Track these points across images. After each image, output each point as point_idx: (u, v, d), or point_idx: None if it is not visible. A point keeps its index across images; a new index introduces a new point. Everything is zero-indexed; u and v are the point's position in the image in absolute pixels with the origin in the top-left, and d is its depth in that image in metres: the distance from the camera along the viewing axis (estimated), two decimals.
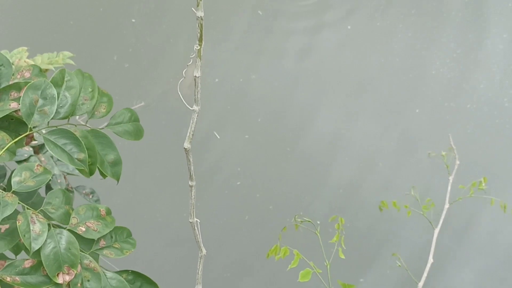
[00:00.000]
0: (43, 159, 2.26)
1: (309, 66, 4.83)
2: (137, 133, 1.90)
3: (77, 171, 2.27)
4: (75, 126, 1.82)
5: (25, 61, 2.52)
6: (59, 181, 2.26)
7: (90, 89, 1.84)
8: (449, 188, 3.18)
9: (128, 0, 4.98)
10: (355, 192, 4.47)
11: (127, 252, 1.77)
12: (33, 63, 2.52)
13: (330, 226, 2.92)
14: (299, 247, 2.55)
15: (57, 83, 1.78)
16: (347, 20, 4.95)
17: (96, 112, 1.85)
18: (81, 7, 4.94)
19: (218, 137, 4.60)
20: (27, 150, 2.26)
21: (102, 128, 1.84)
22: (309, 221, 2.65)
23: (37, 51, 3.68)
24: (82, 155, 1.68)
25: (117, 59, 4.79)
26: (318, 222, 2.86)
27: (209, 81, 4.69)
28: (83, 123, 1.84)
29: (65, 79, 1.79)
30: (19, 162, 2.21)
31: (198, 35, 1.55)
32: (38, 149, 2.36)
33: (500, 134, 4.63)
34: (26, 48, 2.61)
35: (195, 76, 1.63)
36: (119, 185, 1.89)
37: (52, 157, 2.28)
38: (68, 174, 2.37)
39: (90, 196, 2.31)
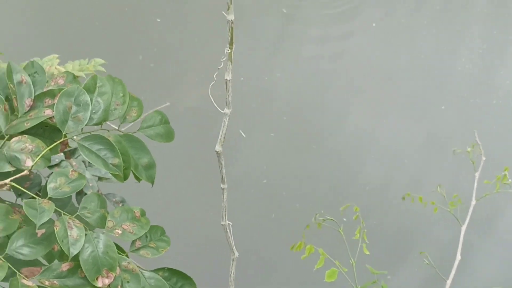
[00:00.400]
0: (74, 163, 2.28)
1: (334, 65, 4.84)
2: (168, 135, 1.92)
3: (109, 174, 2.31)
4: (108, 131, 1.84)
5: (56, 68, 2.55)
6: (91, 184, 2.28)
7: (121, 94, 1.86)
8: (475, 184, 3.18)
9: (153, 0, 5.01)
10: (381, 190, 4.48)
11: (162, 250, 1.79)
12: (64, 70, 2.54)
13: (357, 224, 2.93)
14: (324, 245, 2.56)
15: (90, 89, 1.79)
16: (372, 18, 4.96)
17: (127, 117, 1.87)
18: (106, 7, 4.98)
19: (244, 135, 4.62)
20: (58, 155, 2.28)
21: (134, 132, 1.86)
22: (331, 219, 2.66)
23: (64, 51, 3.72)
24: (116, 160, 1.71)
25: (143, 59, 4.82)
26: (345, 220, 2.88)
27: (234, 80, 4.71)
28: (116, 128, 1.86)
29: (97, 85, 1.80)
30: (50, 167, 2.23)
31: (229, 38, 1.57)
32: (69, 154, 2.38)
33: None
34: (56, 55, 2.64)
35: (226, 79, 1.65)
36: (146, 187, 1.92)
37: (84, 161, 2.30)
38: (100, 178, 2.39)
39: (120, 205, 2.33)
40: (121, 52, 4.85)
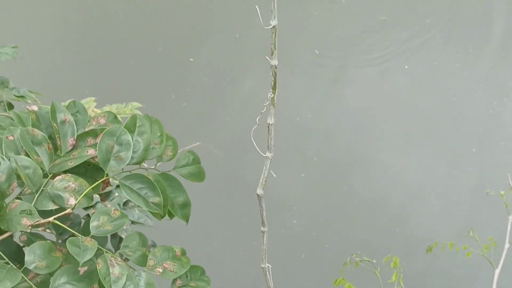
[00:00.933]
0: (109, 206, 2.30)
1: (366, 106, 4.85)
2: (200, 175, 1.95)
3: (142, 219, 2.33)
4: (146, 170, 1.86)
5: (93, 111, 2.59)
6: (125, 227, 2.29)
7: (158, 134, 1.89)
8: (509, 227, 3.16)
9: (186, 39, 5.06)
10: (411, 230, 4.46)
11: None
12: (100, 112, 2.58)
13: (386, 264, 2.92)
14: (355, 284, 2.56)
15: (130, 129, 1.82)
16: (405, 60, 4.98)
17: (163, 156, 1.90)
18: (140, 46, 5.04)
19: (275, 176, 4.62)
20: (94, 197, 2.30)
21: (169, 171, 1.88)
22: (368, 260, 2.66)
23: (99, 90, 3.77)
24: (157, 199, 1.73)
25: (175, 98, 4.86)
26: (374, 261, 2.88)
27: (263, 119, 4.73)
28: (151, 167, 1.89)
29: (137, 124, 1.83)
30: (86, 208, 2.26)
31: (272, 83, 1.59)
32: (105, 197, 2.40)
33: None
34: (93, 98, 2.68)
35: (269, 124, 1.66)
36: (179, 225, 1.93)
37: (118, 204, 2.32)
38: (132, 222, 2.40)
39: (151, 249, 2.34)
40: (154, 90, 4.90)
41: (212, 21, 5.15)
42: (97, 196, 2.34)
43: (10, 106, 2.66)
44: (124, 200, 2.32)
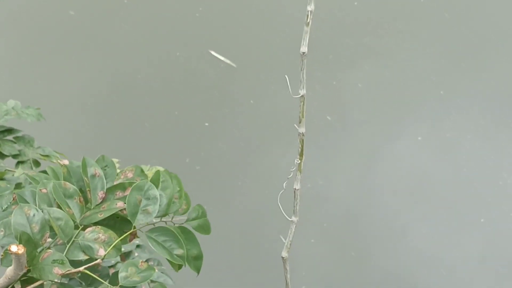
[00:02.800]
0: None
1: (377, 176, 4.91)
2: (207, 228, 2.05)
3: (162, 278, 2.41)
4: (165, 223, 1.95)
5: None
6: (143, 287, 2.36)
7: (178, 189, 1.99)
8: None
9: (202, 104, 5.16)
10: None
11: None
12: None
13: None
14: None
15: (154, 183, 1.92)
16: (417, 131, 5.05)
17: (179, 209, 1.99)
18: (156, 110, 5.14)
19: (284, 241, 4.66)
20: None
21: (183, 224, 1.97)
22: None
23: (117, 155, 3.85)
24: (181, 251, 1.82)
25: (189, 162, 4.94)
26: None
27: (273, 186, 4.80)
28: (169, 220, 1.97)
29: (161, 180, 1.94)
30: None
31: (299, 149, 1.67)
32: (124, 257, 2.49)
33: None
34: (117, 160, 2.78)
35: (295, 189, 1.74)
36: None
37: None
38: (152, 281, 2.46)
39: None
40: (169, 154, 4.98)
41: (229, 87, 5.25)
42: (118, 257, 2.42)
43: (36, 163, 2.75)
44: (144, 260, 2.39)
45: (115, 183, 1.93)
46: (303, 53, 1.60)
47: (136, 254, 2.67)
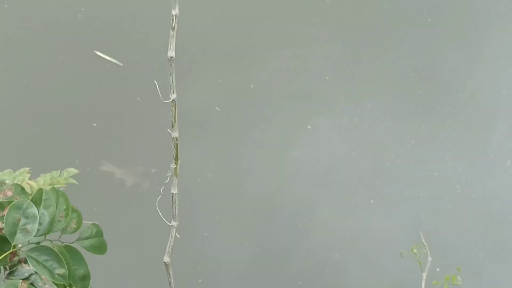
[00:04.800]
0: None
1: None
2: (102, 248, 2.05)
3: None
4: (51, 241, 1.94)
5: (27, 183, 2.60)
6: None
7: (64, 207, 1.98)
8: (423, 284, 3.22)
9: (88, 104, 5.08)
10: None
11: None
12: (35, 184, 2.60)
13: None
14: None
15: (36, 202, 1.90)
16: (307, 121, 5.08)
17: (68, 228, 1.98)
18: (43, 114, 5.03)
19: (179, 236, 4.64)
20: None
21: (72, 243, 1.96)
22: None
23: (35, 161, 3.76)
24: (62, 271, 1.80)
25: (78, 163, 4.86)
26: None
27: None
28: (56, 239, 1.95)
29: (43, 198, 1.92)
30: None
31: (174, 154, 1.69)
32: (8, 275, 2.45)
33: None
34: (28, 168, 2.70)
35: (173, 193, 1.76)
36: None
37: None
38: None
39: None
40: (58, 157, 4.86)
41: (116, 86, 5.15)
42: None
43: None
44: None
45: None
46: (171, 57, 1.62)
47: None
